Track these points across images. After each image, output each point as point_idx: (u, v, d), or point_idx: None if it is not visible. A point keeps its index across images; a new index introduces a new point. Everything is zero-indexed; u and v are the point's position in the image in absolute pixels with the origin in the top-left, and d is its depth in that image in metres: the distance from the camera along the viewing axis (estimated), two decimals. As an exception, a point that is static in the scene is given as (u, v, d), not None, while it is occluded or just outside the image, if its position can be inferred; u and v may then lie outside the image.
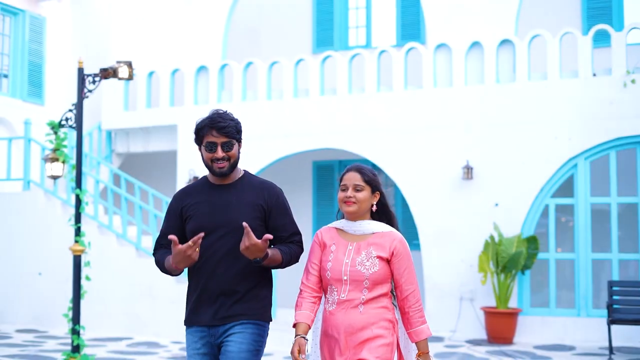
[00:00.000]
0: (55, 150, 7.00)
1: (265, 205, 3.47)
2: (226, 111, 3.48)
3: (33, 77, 12.86)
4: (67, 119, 6.84)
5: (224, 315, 3.40)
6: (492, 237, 9.98)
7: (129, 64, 6.85)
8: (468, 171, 10.33)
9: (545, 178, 10.12)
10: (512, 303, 10.13)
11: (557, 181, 10.18)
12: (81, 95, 6.73)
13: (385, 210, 3.56)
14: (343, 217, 3.56)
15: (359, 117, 11.09)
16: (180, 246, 3.24)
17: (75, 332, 6.70)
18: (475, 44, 10.77)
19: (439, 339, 10.08)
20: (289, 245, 3.50)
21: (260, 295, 3.47)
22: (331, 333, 3.41)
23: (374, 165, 12.61)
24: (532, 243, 9.97)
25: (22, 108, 12.58)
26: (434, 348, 9.38)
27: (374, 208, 3.52)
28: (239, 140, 3.48)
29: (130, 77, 6.86)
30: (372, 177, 3.50)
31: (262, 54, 13.51)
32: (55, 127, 6.91)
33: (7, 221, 11.29)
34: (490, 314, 9.93)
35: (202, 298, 3.43)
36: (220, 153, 3.41)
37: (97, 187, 10.99)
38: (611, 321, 8.79)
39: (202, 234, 3.26)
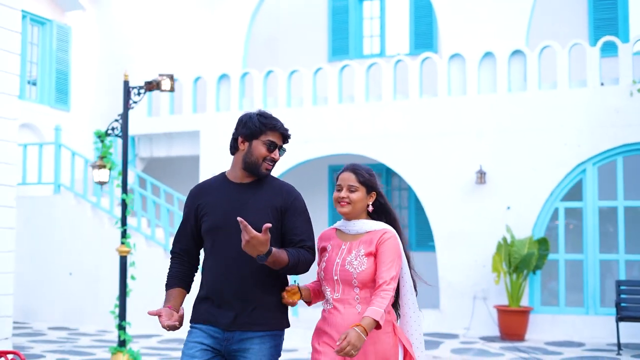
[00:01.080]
0: (102, 157, 7.49)
1: (282, 207, 3.38)
2: None
3: (60, 84, 13.35)
4: (113, 129, 7.33)
5: (244, 321, 3.30)
6: (504, 239, 10.46)
7: (171, 77, 7.34)
8: (481, 176, 10.82)
9: (555, 182, 10.61)
10: (524, 302, 10.62)
11: (567, 185, 10.67)
12: (127, 107, 7.22)
13: (385, 210, 3.51)
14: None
15: (376, 124, 11.58)
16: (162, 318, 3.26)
17: (121, 327, 7.18)
18: (488, 54, 11.27)
19: (453, 336, 10.56)
20: (298, 249, 3.37)
21: (279, 302, 3.39)
22: (327, 331, 3.37)
23: (388, 170, 13.10)
24: (543, 244, 10.46)
25: (49, 114, 13.07)
26: (449, 344, 9.89)
27: (370, 209, 3.47)
28: None
29: (172, 89, 7.35)
30: (367, 177, 3.45)
31: (279, 62, 14.00)
32: (102, 136, 7.39)
33: (38, 223, 11.77)
34: (503, 312, 10.41)
35: (220, 300, 3.33)
36: (277, 155, 3.41)
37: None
38: (619, 318, 9.29)
39: (170, 316, 3.28)
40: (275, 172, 11.93)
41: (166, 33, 13.85)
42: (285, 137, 3.42)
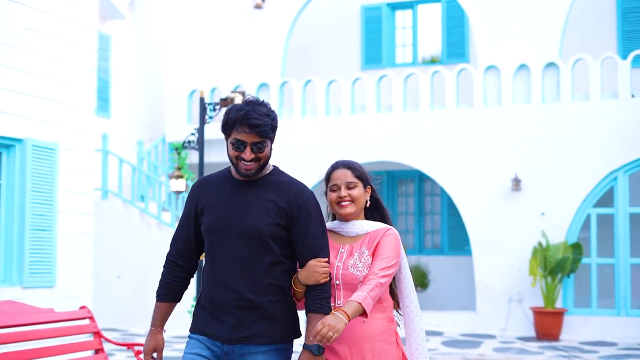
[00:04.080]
0: (179, 168, 7.91)
1: (290, 210, 3.02)
2: (263, 101, 3.03)
3: (101, 92, 13.72)
4: (189, 142, 7.77)
5: (244, 334, 2.98)
6: (540, 244, 10.95)
7: (243, 94, 7.76)
8: (516, 183, 11.30)
9: (587, 190, 11.10)
10: (558, 303, 11.11)
11: (599, 193, 11.16)
12: (202, 121, 7.66)
13: (378, 206, 3.30)
14: (335, 219, 3.30)
15: (414, 133, 12.03)
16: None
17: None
18: (523, 66, 11.74)
19: (491, 337, 11.03)
20: (319, 296, 3.03)
21: (286, 311, 3.05)
22: (334, 346, 3.05)
23: (421, 176, 13.57)
24: (577, 249, 10.95)
25: (92, 121, 13.46)
26: (489, 344, 10.36)
27: (367, 204, 3.26)
28: (273, 138, 3.04)
29: (244, 105, 7.76)
30: (362, 171, 3.24)
31: (313, 71, 14.41)
32: (179, 148, 7.82)
33: (87, 228, 12.17)
34: (539, 314, 10.91)
35: (219, 309, 3.02)
36: (248, 154, 2.97)
37: (175, 196, 11.88)
38: (654, 320, 9.80)
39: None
40: (315, 180, 12.35)
41: (205, 43, 14.24)
42: (258, 133, 2.94)
